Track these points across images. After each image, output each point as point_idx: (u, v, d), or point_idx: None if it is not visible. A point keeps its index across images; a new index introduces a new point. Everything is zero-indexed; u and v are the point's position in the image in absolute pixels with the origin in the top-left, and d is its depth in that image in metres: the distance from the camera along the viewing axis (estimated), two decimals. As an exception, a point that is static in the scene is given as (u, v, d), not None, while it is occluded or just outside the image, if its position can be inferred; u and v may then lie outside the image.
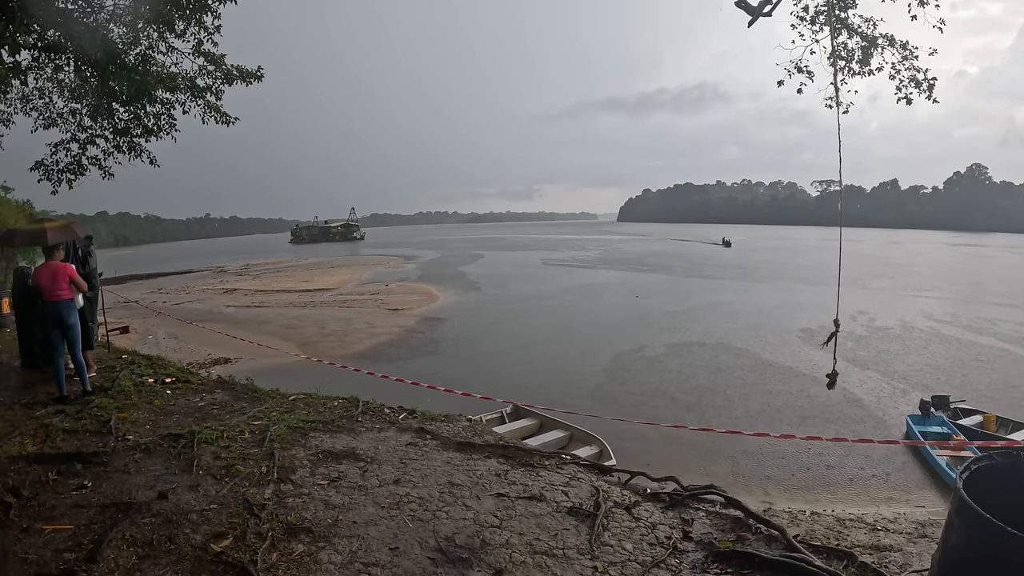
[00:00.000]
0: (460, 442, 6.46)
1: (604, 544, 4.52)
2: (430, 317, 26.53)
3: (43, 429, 7.47)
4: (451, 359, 19.15)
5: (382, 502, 5.15)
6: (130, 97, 12.70)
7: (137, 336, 22.59)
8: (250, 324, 25.55)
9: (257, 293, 38.01)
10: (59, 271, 8.95)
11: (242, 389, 9.27)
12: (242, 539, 4.58)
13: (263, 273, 54.89)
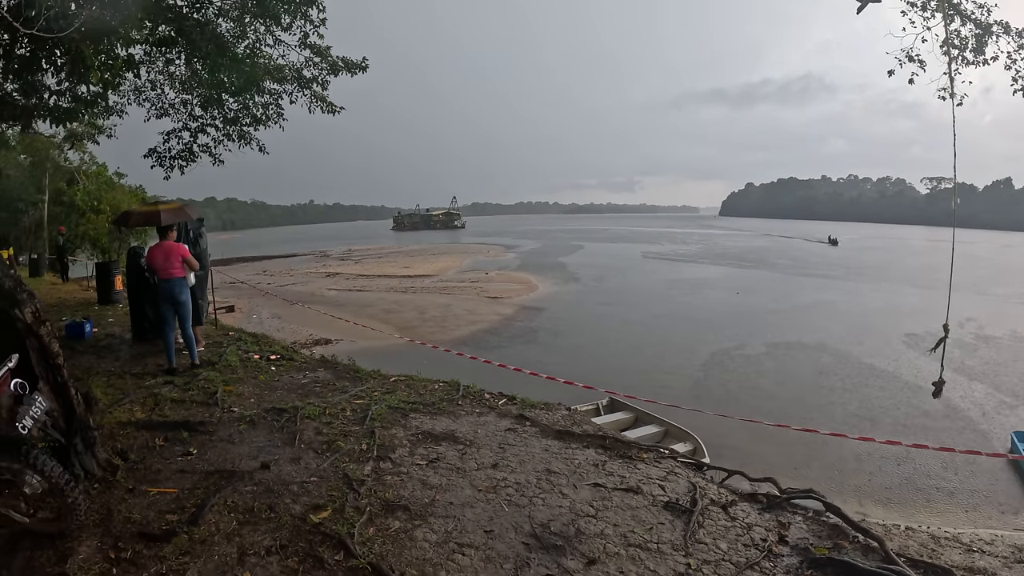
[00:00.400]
0: (559, 430, 6.47)
1: (699, 542, 4.44)
2: (529, 306, 26.53)
3: (152, 398, 7.91)
4: (549, 349, 19.11)
5: (479, 485, 5.22)
6: (239, 88, 13.17)
7: (242, 315, 23.51)
8: (351, 307, 26.15)
9: (359, 278, 38.90)
10: (172, 251, 9.36)
11: (344, 369, 9.54)
12: (340, 512, 4.74)
13: (365, 258, 56.13)
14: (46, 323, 5.18)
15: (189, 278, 9.63)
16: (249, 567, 4.13)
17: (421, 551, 4.25)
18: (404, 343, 17.15)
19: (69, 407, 5.28)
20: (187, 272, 9.50)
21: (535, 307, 26.41)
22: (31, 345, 5.04)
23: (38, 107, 11.15)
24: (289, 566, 4.12)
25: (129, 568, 4.17)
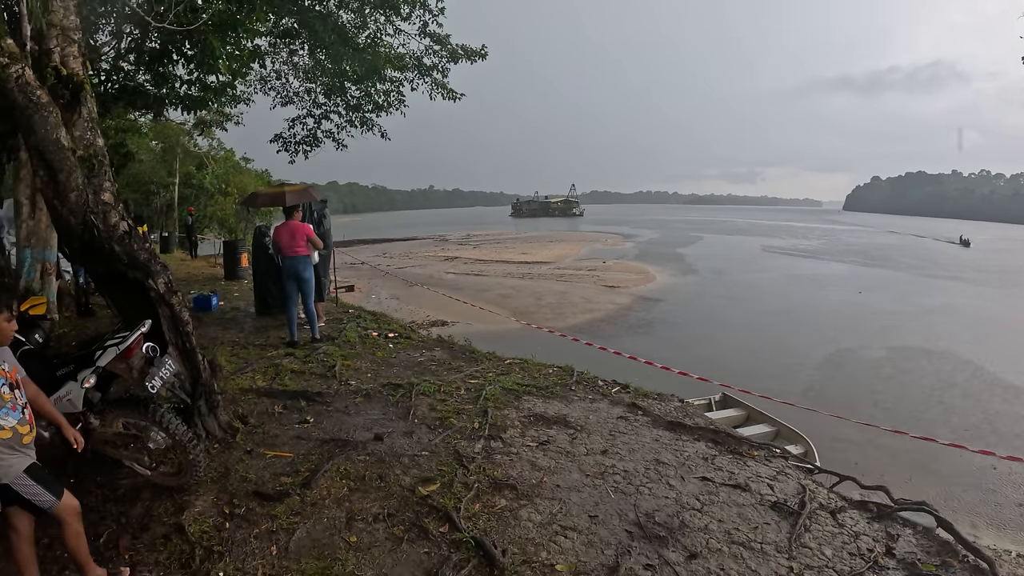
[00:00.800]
0: (670, 421, 6.32)
1: (803, 545, 4.22)
2: (646, 297, 26.07)
3: (273, 368, 8.25)
4: (663, 341, 18.72)
5: (587, 470, 5.14)
6: (361, 76, 13.49)
7: (362, 295, 24.06)
8: (469, 291, 26.39)
9: (476, 262, 39.26)
10: (297, 230, 9.67)
11: (460, 349, 9.67)
12: (448, 487, 4.81)
13: (483, 244, 56.67)
14: (177, 293, 5.49)
15: (313, 256, 9.95)
16: (356, 532, 4.24)
17: (524, 530, 4.24)
18: (519, 328, 17.17)
19: (195, 371, 5.58)
20: (311, 251, 9.81)
21: (652, 298, 25.91)
22: (163, 313, 5.36)
23: (169, 96, 11.78)
24: (394, 534, 4.21)
25: (241, 524, 4.37)
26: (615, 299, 25.29)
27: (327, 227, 12.02)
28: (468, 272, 34.18)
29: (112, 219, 5.06)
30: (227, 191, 34.68)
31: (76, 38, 5.24)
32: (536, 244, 54.06)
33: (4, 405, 3.36)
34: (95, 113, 5.31)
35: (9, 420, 3.36)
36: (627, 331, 19.84)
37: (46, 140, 4.68)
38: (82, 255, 5.21)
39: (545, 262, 38.44)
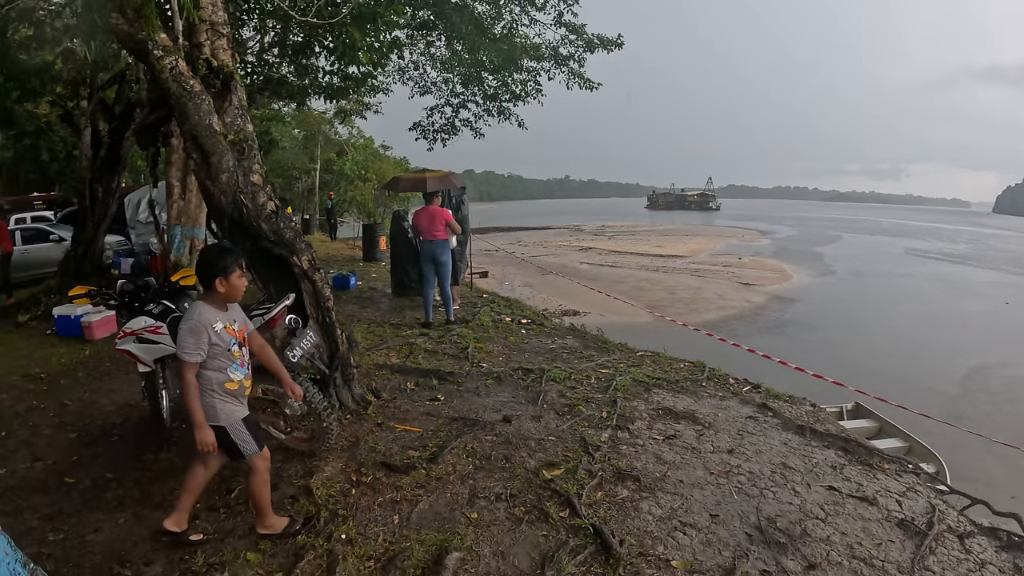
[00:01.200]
0: (801, 425, 6.03)
1: (927, 568, 3.91)
2: (781, 296, 25.01)
3: (407, 347, 8.53)
4: (797, 342, 17.85)
5: (712, 468, 5.01)
6: (498, 66, 13.61)
7: (495, 281, 24.33)
8: (602, 281, 26.14)
9: (611, 253, 38.89)
10: (436, 215, 9.91)
11: (592, 339, 9.64)
12: (572, 473, 4.81)
13: (617, 235, 56.04)
14: (320, 270, 5.81)
15: (451, 241, 10.19)
16: (477, 508, 4.33)
17: (644, 523, 4.19)
18: (652, 320, 16.95)
19: (334, 345, 5.87)
20: (449, 235, 10.04)
21: (787, 297, 24.80)
22: (305, 288, 5.68)
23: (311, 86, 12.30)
24: (515, 514, 4.26)
25: (367, 491, 4.56)
26: (749, 297, 24.44)
27: (465, 213, 12.29)
28: (602, 263, 33.93)
29: (260, 199, 5.37)
30: (366, 177, 35.99)
31: (225, 32, 5.59)
32: (671, 237, 52.98)
33: (234, 361, 3.77)
34: (244, 101, 5.65)
35: (237, 374, 3.80)
36: (760, 330, 19.15)
37: (199, 125, 5.03)
38: (231, 232, 5.53)
39: (680, 256, 37.59)
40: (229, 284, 3.69)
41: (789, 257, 38.81)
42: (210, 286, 3.71)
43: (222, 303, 3.76)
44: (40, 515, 4.60)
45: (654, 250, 40.87)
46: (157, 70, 5.00)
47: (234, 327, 3.80)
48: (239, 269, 3.72)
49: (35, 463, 5.51)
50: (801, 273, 31.65)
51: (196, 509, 4.41)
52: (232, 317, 3.83)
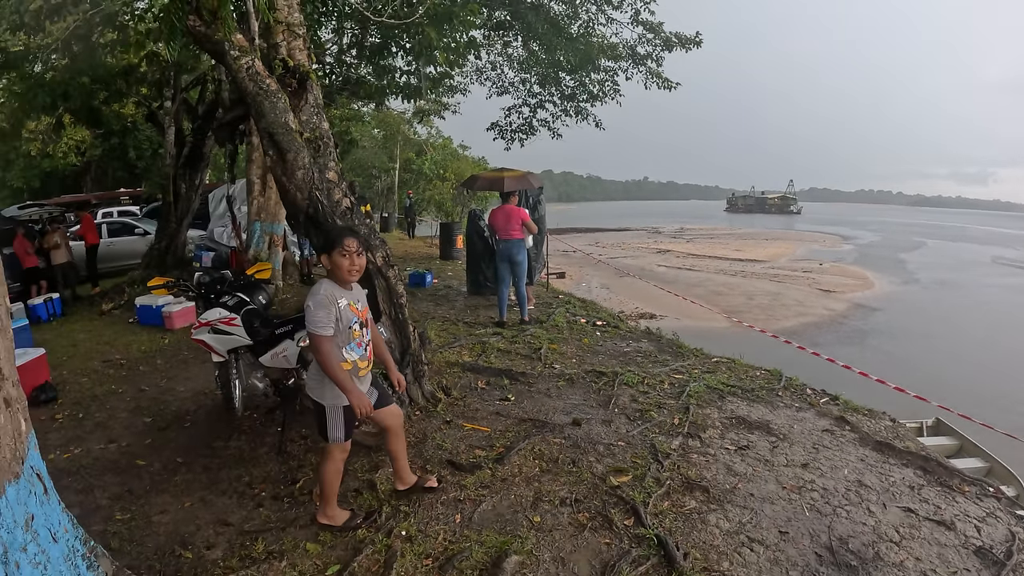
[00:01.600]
0: (879, 441, 5.73)
1: None
2: (862, 304, 24.09)
3: (480, 345, 8.50)
4: (877, 354, 17.09)
5: (784, 482, 4.81)
6: (575, 66, 13.54)
7: (572, 282, 24.20)
8: (679, 285, 25.77)
9: (689, 256, 38.33)
10: (513, 214, 9.85)
11: (667, 343, 9.44)
12: (640, 480, 4.70)
13: (696, 238, 55.21)
14: (394, 267, 5.85)
15: (527, 240, 10.14)
16: (540, 512, 4.27)
17: (710, 536, 4.05)
18: (728, 326, 16.58)
19: (405, 341, 5.91)
20: (525, 235, 9.98)
21: (869, 306, 23.85)
22: (379, 284, 5.74)
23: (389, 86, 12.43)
24: (579, 520, 4.18)
25: (430, 489, 4.53)
26: (830, 304, 23.66)
27: (542, 213, 12.19)
28: (680, 266, 33.46)
29: (335, 195, 5.43)
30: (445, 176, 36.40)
31: (301, 33, 5.72)
32: (750, 241, 51.80)
33: (352, 341, 3.81)
34: (320, 100, 5.74)
35: (352, 354, 3.83)
36: (840, 339, 18.48)
37: (275, 123, 5.14)
38: (306, 228, 5.62)
39: (759, 260, 36.75)
40: (331, 261, 3.75)
41: (871, 264, 37.45)
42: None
43: (342, 281, 3.82)
44: (110, 494, 4.83)
45: (733, 254, 40.08)
46: (234, 70, 5.15)
47: (357, 306, 3.86)
48: (344, 249, 3.72)
49: (109, 444, 5.83)
50: (883, 281, 30.52)
51: (260, 498, 4.60)
52: (356, 296, 3.91)
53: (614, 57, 13.79)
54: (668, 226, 72.86)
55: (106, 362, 8.74)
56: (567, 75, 14.26)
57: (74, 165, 31.90)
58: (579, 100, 14.99)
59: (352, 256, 3.73)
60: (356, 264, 3.77)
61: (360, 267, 3.81)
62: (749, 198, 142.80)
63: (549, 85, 14.94)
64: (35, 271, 13.55)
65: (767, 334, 12.40)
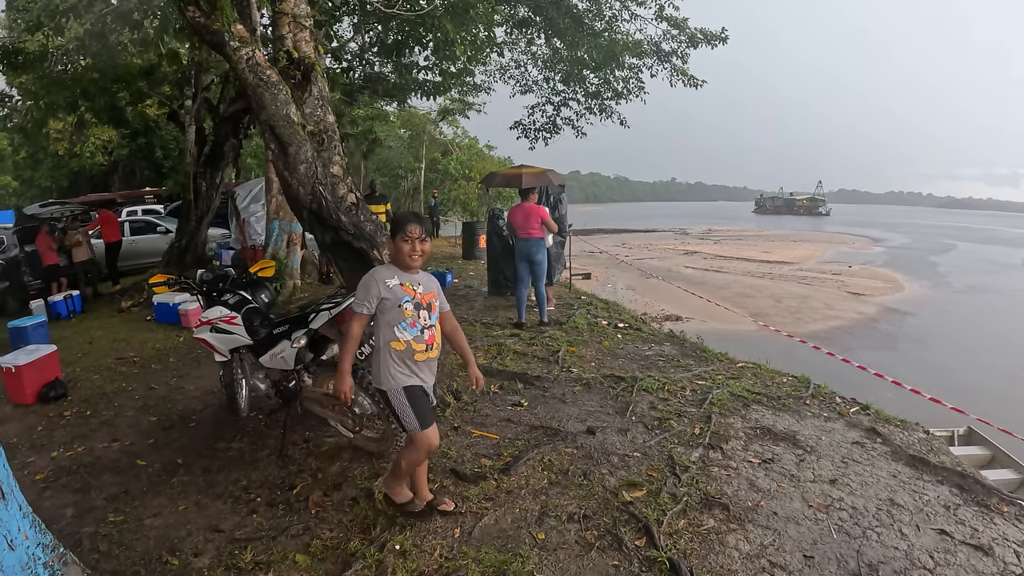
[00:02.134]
0: (912, 456, 5.35)
1: None
2: (893, 308, 23.52)
3: (496, 347, 8.27)
4: (908, 359, 16.56)
5: (811, 500, 4.47)
6: (599, 63, 13.30)
7: (597, 283, 23.91)
8: (706, 287, 25.43)
9: (716, 258, 37.91)
10: (532, 212, 9.62)
11: (691, 347, 9.11)
12: (655, 496, 4.39)
13: (724, 239, 54.69)
14: None
15: (547, 239, 9.89)
16: (546, 528, 4.01)
17: (728, 559, 3.73)
18: (755, 329, 16.22)
19: None
20: (545, 233, 9.74)
21: (899, 310, 23.29)
22: None
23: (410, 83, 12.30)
24: (586, 538, 3.90)
25: (444, 512, 4.25)
26: (859, 308, 23.14)
27: (563, 212, 11.92)
28: (707, 268, 33.06)
29: (340, 191, 5.23)
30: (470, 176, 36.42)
31: (307, 24, 5.58)
32: (779, 243, 51.13)
33: (404, 320, 3.69)
34: (326, 92, 5.56)
35: (405, 334, 3.69)
36: (870, 344, 18.01)
37: (276, 115, 5.00)
38: (311, 224, 5.46)
39: (787, 262, 36.20)
40: (394, 246, 3.77)
41: (901, 266, 36.73)
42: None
43: (404, 266, 3.79)
44: (106, 495, 4.77)
45: (761, 256, 39.59)
46: (234, 61, 5.08)
47: (415, 288, 3.78)
48: (407, 234, 3.71)
49: (112, 443, 5.79)
50: (914, 284, 29.89)
51: (255, 503, 4.47)
52: (417, 280, 3.83)
53: (638, 54, 13.53)
54: (696, 227, 72.31)
55: (119, 359, 8.75)
56: (591, 72, 14.03)
57: (101, 164, 32.63)
58: (604, 98, 14.75)
59: (414, 242, 3.71)
60: (418, 249, 3.74)
61: (423, 253, 3.77)
62: (777, 199, 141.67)
63: (573, 83, 14.73)
64: (56, 268, 13.68)
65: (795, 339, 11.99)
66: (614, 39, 12.83)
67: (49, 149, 30.08)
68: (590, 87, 14.70)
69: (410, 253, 3.71)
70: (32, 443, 5.94)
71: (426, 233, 3.78)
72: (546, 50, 14.53)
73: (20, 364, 6.94)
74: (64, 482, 5.02)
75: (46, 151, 30.63)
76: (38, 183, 34.35)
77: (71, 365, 8.41)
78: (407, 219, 3.77)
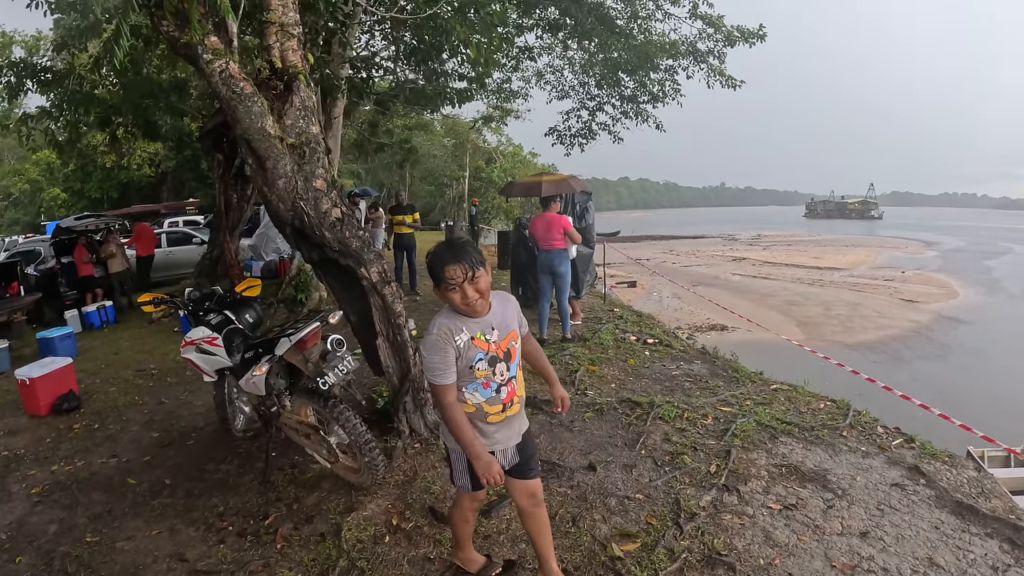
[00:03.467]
0: (959, 502, 4.61)
1: None
2: (947, 316, 22.43)
3: (510, 367, 7.74)
4: (960, 371, 15.54)
5: (835, 558, 3.85)
6: (634, 66, 12.88)
7: (643, 292, 23.43)
8: (753, 294, 24.83)
9: (765, 264, 37.05)
10: (553, 222, 9.19)
11: (723, 365, 8.46)
12: (649, 550, 3.88)
13: (773, 245, 53.54)
14: (391, 283, 5.35)
15: (570, 250, 9.45)
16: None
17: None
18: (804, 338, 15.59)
19: (405, 365, 5.47)
20: (568, 244, 9.30)
21: (954, 317, 22.28)
22: (375, 303, 5.30)
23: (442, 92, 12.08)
24: (559, 601, 3.43)
25: (401, 541, 4.03)
26: (912, 316, 22.20)
27: (590, 221, 11.44)
28: (755, 275, 32.27)
29: (323, 206, 4.96)
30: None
31: (295, 32, 5.37)
32: (830, 248, 49.86)
33: (475, 380, 2.99)
34: (310, 103, 5.29)
35: (476, 396, 3.02)
36: (922, 354, 17.08)
37: (251, 129, 4.80)
38: (296, 241, 5.23)
39: (838, 268, 35.17)
40: (443, 297, 2.93)
41: (956, 271, 35.39)
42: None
43: (467, 312, 2.95)
44: (91, 513, 4.82)
45: (811, 262, 38.60)
46: (207, 74, 4.94)
47: (488, 337, 2.98)
48: (449, 282, 2.83)
49: (111, 459, 5.88)
50: (969, 290, 28.67)
51: (225, 532, 4.34)
52: (490, 323, 3.00)
53: (674, 55, 13.06)
54: (745, 233, 71.05)
55: (139, 371, 8.89)
56: (626, 75, 13.61)
57: (149, 177, 33.81)
58: (639, 101, 14.32)
59: (463, 288, 2.82)
60: (471, 294, 2.83)
61: (481, 292, 2.87)
62: (829, 203, 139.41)
63: (609, 86, 14.35)
64: (90, 279, 13.91)
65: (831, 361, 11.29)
66: (648, 40, 12.40)
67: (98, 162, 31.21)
68: (626, 90, 14.29)
69: (463, 302, 2.86)
70: (37, 456, 6.09)
71: (474, 263, 2.84)
72: (582, 55, 14.19)
73: (34, 376, 7.17)
74: (56, 497, 5.10)
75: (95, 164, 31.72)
76: (88, 195, 35.66)
77: (93, 376, 8.69)
78: (440, 261, 2.85)
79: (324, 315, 4.87)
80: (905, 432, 6.03)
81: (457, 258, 2.81)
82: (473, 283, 2.82)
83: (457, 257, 2.81)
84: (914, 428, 6.19)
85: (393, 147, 18.57)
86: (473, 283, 2.82)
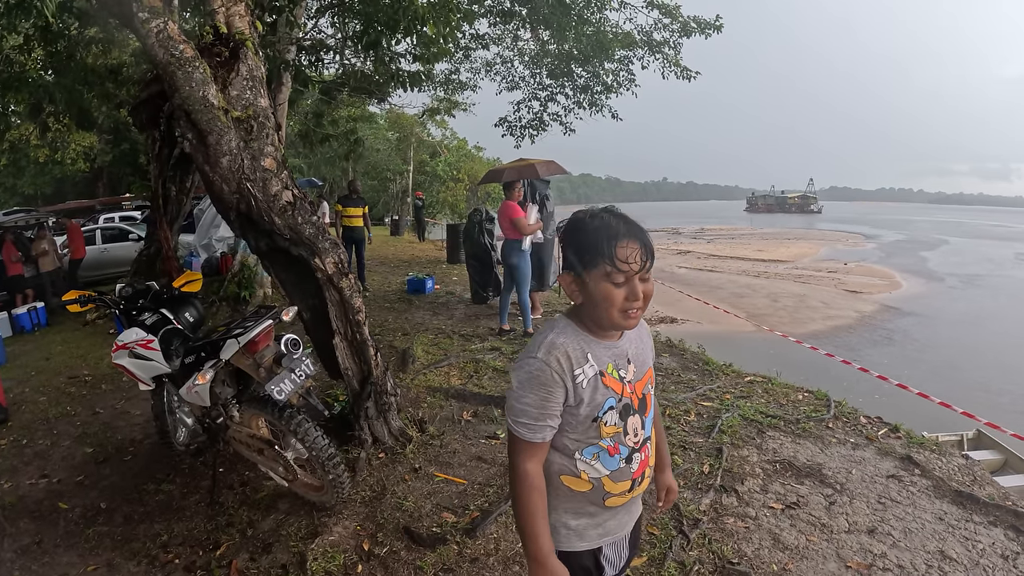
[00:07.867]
0: (958, 491, 4.43)
1: None
2: (890, 305, 22.96)
3: (473, 364, 7.45)
4: (906, 358, 15.83)
5: (848, 557, 3.58)
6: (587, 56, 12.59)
7: (589, 286, 23.26)
8: (700, 287, 24.82)
9: (710, 257, 37.37)
10: (503, 211, 8.88)
11: (692, 358, 8.17)
12: (658, 565, 3.50)
13: (717, 238, 54.25)
14: (348, 275, 4.72)
15: (524, 242, 8.96)
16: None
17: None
18: (753, 331, 15.53)
19: (366, 367, 4.89)
20: (523, 236, 8.87)
21: (896, 307, 22.81)
22: (330, 297, 4.70)
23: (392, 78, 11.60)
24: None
25: (376, 569, 3.52)
26: (857, 306, 22.55)
27: (551, 210, 10.98)
28: (701, 267, 32.47)
29: (273, 188, 4.38)
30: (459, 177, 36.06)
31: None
32: (772, 241, 50.68)
33: (597, 442, 1.81)
34: (259, 72, 4.69)
35: (596, 467, 1.82)
36: (871, 343, 17.27)
37: (191, 98, 4.18)
38: (242, 228, 4.60)
39: (781, 261, 35.70)
40: (586, 288, 1.75)
41: (896, 263, 36.37)
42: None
43: (604, 326, 1.80)
44: (18, 546, 4.18)
45: (755, 254, 39.08)
46: (142, 35, 4.29)
47: (623, 375, 1.84)
48: (619, 263, 1.67)
49: (40, 480, 5.21)
50: (910, 280, 29.40)
51: (171, 567, 3.73)
52: (625, 353, 1.87)
53: (628, 45, 12.77)
54: (688, 226, 71.96)
55: (71, 378, 8.20)
56: (579, 66, 13.31)
57: (84, 171, 32.55)
58: (593, 91, 14.01)
59: (633, 281, 1.70)
60: (639, 295, 1.71)
61: (647, 296, 1.73)
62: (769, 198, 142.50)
63: (560, 77, 14.00)
64: (20, 279, 13.14)
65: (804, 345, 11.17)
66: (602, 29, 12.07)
67: (31, 156, 29.81)
68: (578, 80, 13.98)
69: (624, 307, 1.71)
70: (-42, 478, 5.32)
71: (652, 249, 1.76)
72: (532, 45, 13.82)
73: (-43, 388, 6.55)
74: (-21, 527, 4.38)
75: (28, 158, 30.30)
76: (21, 191, 34.30)
77: (22, 384, 8.02)
78: (611, 232, 1.71)
79: (277, 311, 4.20)
80: (888, 421, 5.86)
81: (634, 233, 1.73)
82: (646, 280, 1.74)
83: (634, 232, 1.74)
84: (880, 412, 6.18)
85: (339, 138, 17.94)
86: (646, 280, 1.74)
